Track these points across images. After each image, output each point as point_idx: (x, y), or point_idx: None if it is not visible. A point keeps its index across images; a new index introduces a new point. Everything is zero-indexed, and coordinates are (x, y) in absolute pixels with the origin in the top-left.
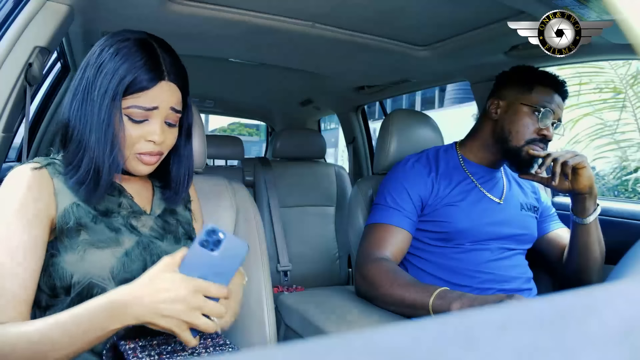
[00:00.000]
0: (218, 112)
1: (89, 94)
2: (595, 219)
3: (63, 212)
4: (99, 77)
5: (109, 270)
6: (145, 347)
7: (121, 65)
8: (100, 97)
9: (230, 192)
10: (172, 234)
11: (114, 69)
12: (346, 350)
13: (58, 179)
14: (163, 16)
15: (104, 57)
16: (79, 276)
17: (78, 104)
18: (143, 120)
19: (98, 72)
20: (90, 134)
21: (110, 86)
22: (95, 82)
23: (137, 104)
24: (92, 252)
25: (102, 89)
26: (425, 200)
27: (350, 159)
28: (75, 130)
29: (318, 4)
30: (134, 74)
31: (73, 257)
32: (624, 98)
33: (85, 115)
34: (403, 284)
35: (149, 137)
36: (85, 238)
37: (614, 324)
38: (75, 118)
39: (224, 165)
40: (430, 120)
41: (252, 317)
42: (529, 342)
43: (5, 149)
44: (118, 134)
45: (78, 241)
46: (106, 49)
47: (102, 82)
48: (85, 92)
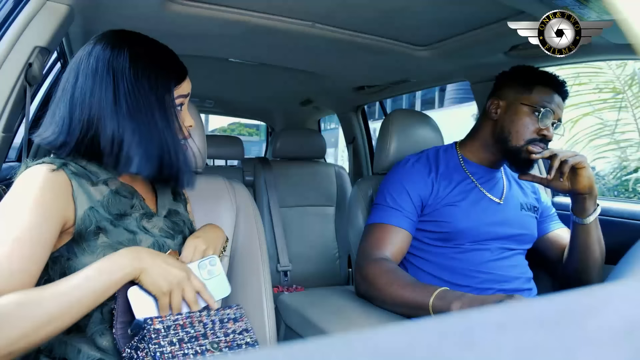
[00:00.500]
0: (218, 112)
1: (135, 97)
2: (595, 219)
3: (83, 215)
4: (139, 78)
5: None
6: (170, 327)
7: (160, 62)
8: (153, 95)
9: (230, 192)
10: (180, 234)
11: (154, 66)
12: (346, 350)
13: (75, 181)
14: (163, 16)
15: (124, 61)
16: None
17: (125, 112)
18: (181, 106)
19: (134, 76)
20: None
21: (159, 82)
22: (138, 84)
23: (181, 93)
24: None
25: (150, 87)
26: (425, 200)
27: (350, 159)
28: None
29: (318, 4)
30: (176, 66)
31: (92, 259)
32: (622, 98)
33: (137, 118)
34: (403, 284)
35: (187, 122)
36: (104, 241)
37: (614, 324)
38: (127, 127)
39: (224, 165)
40: (430, 120)
41: (252, 317)
42: (529, 342)
43: (5, 149)
44: (175, 124)
45: (97, 244)
46: (122, 54)
47: (145, 81)
48: (130, 97)
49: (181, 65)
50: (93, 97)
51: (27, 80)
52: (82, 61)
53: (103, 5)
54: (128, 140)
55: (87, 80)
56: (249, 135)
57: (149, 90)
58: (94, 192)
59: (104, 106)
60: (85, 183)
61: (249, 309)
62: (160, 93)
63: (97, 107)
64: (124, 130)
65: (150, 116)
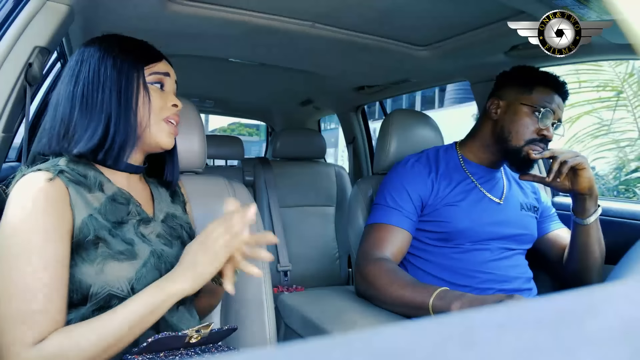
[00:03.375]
0: (218, 112)
1: (92, 78)
2: (595, 219)
3: (81, 224)
4: (100, 61)
5: (127, 281)
6: (153, 359)
7: (128, 46)
8: (115, 73)
9: (230, 192)
10: (178, 239)
11: (121, 50)
12: (346, 350)
13: (72, 188)
14: (163, 16)
15: (94, 49)
16: (97, 288)
17: (79, 93)
18: (161, 85)
19: (99, 57)
20: (108, 112)
21: (126, 63)
22: (100, 66)
23: (156, 70)
24: (111, 264)
25: (112, 66)
26: (425, 200)
27: (350, 159)
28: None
29: (318, 4)
30: (146, 50)
31: (91, 269)
32: (618, 98)
33: (90, 97)
34: (403, 284)
35: (171, 101)
36: (103, 250)
37: (614, 324)
38: (77, 106)
39: (224, 165)
40: (430, 120)
41: (252, 317)
42: (529, 342)
43: (5, 149)
44: (140, 102)
45: (97, 254)
46: (92, 46)
47: (110, 62)
48: (86, 80)
49: (153, 49)
50: (62, 88)
51: (27, 80)
52: (66, 69)
53: (103, 5)
54: (75, 120)
55: (64, 79)
56: (249, 135)
57: (112, 68)
58: (91, 199)
59: (64, 91)
60: (82, 190)
61: (249, 309)
62: (125, 71)
63: (62, 95)
64: (75, 110)
65: (101, 93)
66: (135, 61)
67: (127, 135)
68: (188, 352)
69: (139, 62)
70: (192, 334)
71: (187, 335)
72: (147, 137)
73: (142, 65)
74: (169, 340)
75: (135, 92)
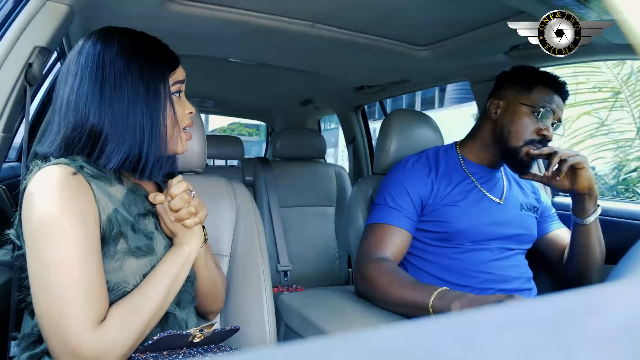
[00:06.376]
0: (218, 112)
1: (121, 87)
2: (595, 219)
3: (107, 219)
4: (127, 70)
5: (142, 276)
6: (157, 357)
7: (151, 50)
8: (143, 84)
9: (230, 192)
10: None
11: (146, 55)
12: (346, 350)
13: (94, 184)
14: (163, 16)
15: (114, 53)
16: (114, 283)
17: (108, 103)
18: (179, 93)
19: (125, 66)
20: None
21: (153, 71)
22: (127, 74)
23: (176, 79)
24: (130, 261)
25: (140, 76)
26: (425, 200)
27: (350, 159)
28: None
29: (318, 4)
30: (167, 54)
31: (110, 265)
32: (615, 99)
33: (119, 109)
34: (403, 284)
35: (187, 109)
36: (123, 247)
37: (614, 324)
38: (106, 118)
39: (224, 165)
40: (430, 120)
41: (252, 317)
42: (529, 342)
43: (5, 149)
44: (167, 114)
45: (117, 250)
46: (112, 46)
47: (136, 70)
48: (116, 87)
49: (172, 52)
50: (81, 92)
51: (27, 80)
52: (72, 62)
53: (103, 5)
54: (106, 133)
55: (77, 77)
56: (249, 135)
57: (139, 79)
58: (113, 192)
59: (90, 99)
60: (103, 184)
61: (249, 309)
62: (152, 82)
63: (84, 101)
64: (104, 122)
65: (132, 107)
66: (162, 70)
67: (158, 151)
68: (191, 351)
69: (165, 70)
70: (195, 333)
71: (191, 335)
72: (169, 148)
73: (167, 75)
74: (173, 339)
75: (163, 106)
